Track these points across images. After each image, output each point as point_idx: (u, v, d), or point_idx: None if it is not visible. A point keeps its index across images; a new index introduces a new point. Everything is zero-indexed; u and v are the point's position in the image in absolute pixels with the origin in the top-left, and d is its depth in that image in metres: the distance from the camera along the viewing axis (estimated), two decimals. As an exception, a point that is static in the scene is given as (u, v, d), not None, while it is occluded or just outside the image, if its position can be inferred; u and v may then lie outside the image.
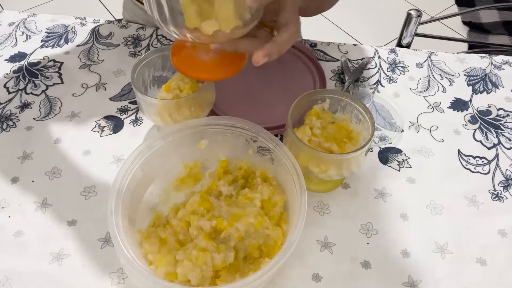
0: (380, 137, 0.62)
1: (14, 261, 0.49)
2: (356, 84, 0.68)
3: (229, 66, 0.46)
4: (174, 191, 0.54)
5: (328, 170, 0.49)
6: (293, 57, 0.69)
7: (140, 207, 0.51)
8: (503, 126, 0.63)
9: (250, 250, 0.47)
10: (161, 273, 0.44)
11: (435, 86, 0.68)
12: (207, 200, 0.49)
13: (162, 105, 0.53)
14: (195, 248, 0.45)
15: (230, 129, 0.51)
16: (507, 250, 0.51)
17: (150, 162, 0.50)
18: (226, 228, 0.46)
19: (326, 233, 0.52)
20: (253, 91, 0.66)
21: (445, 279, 0.49)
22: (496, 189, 0.57)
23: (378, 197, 0.55)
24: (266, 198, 0.49)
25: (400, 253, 0.51)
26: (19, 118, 0.62)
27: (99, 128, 0.62)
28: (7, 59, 0.70)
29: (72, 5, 1.99)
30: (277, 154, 0.49)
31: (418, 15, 0.87)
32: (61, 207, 0.54)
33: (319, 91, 0.53)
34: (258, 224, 0.46)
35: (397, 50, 0.73)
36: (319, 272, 0.49)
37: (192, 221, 0.47)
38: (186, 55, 0.47)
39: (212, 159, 0.55)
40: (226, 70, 0.46)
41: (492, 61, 0.72)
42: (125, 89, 0.66)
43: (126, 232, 0.44)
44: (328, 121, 0.53)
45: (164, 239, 0.47)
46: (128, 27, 0.75)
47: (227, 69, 0.46)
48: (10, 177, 0.56)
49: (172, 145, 0.51)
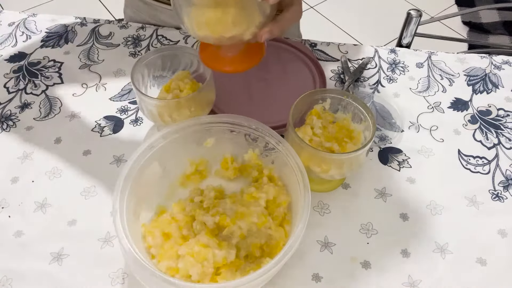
0: (380, 137, 0.62)
1: (14, 261, 0.49)
2: (356, 84, 0.68)
3: (251, 57, 0.49)
4: (180, 187, 0.54)
5: (329, 170, 0.49)
6: (293, 57, 0.69)
7: (145, 201, 0.51)
8: (503, 126, 0.63)
9: (252, 249, 0.47)
10: (163, 268, 0.45)
11: (435, 86, 0.68)
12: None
13: (162, 105, 0.53)
14: (197, 244, 0.45)
15: (236, 127, 0.52)
16: (507, 250, 0.51)
17: (156, 157, 0.50)
18: (228, 225, 0.46)
19: (326, 233, 0.52)
20: (253, 91, 0.66)
21: (445, 279, 0.49)
22: (496, 189, 0.57)
23: (378, 197, 0.55)
24: (271, 198, 0.49)
25: (400, 253, 0.51)
26: (19, 118, 0.62)
27: (99, 128, 0.61)
28: (7, 59, 0.70)
29: (72, 5, 1.99)
30: (283, 154, 0.49)
31: (418, 15, 0.87)
32: (61, 207, 0.54)
33: (320, 90, 0.53)
34: (261, 224, 0.46)
35: (397, 50, 0.73)
36: (319, 272, 0.49)
37: (197, 215, 0.47)
38: (212, 51, 0.49)
39: (218, 156, 0.56)
40: (249, 61, 0.49)
41: (492, 61, 0.72)
42: (125, 89, 0.66)
43: (130, 225, 0.44)
44: (329, 121, 0.53)
45: (167, 233, 0.48)
46: (128, 27, 0.75)
47: (250, 60, 0.49)
48: (10, 177, 0.56)
49: (178, 142, 0.51)
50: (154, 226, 0.48)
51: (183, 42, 0.73)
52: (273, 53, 0.70)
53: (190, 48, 0.58)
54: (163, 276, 0.40)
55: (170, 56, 0.58)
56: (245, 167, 0.55)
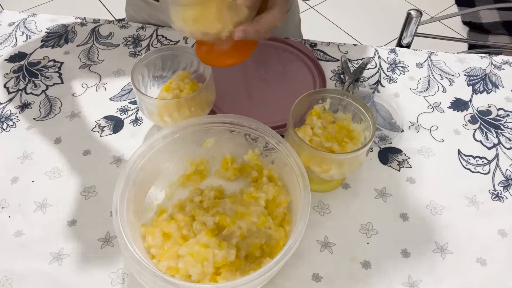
0: (380, 137, 0.62)
1: (14, 261, 0.49)
2: (356, 84, 0.68)
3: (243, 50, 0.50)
4: (180, 187, 0.54)
5: (329, 170, 0.49)
6: (293, 57, 0.69)
7: (145, 201, 0.51)
8: (503, 126, 0.63)
9: (252, 249, 0.47)
10: (163, 267, 0.45)
11: (435, 86, 0.68)
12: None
13: (162, 105, 0.53)
14: (197, 244, 0.45)
15: (236, 127, 0.52)
16: (507, 250, 0.51)
17: (156, 157, 0.50)
18: (228, 225, 0.46)
19: (326, 233, 0.52)
20: (253, 91, 0.66)
21: (445, 279, 0.49)
22: (496, 189, 0.57)
23: (378, 197, 0.55)
24: (270, 198, 0.49)
25: (400, 253, 0.51)
26: (19, 118, 0.62)
27: (99, 128, 0.61)
28: (7, 59, 0.70)
29: (72, 5, 1.99)
30: (283, 154, 0.49)
31: (418, 15, 0.87)
32: (61, 207, 0.54)
33: (320, 90, 0.53)
34: (261, 223, 0.46)
35: (397, 50, 0.73)
36: (319, 272, 0.49)
37: (197, 215, 0.47)
38: (207, 49, 0.50)
39: (218, 156, 0.56)
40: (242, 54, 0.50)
41: (492, 61, 0.72)
42: (125, 89, 0.66)
43: (130, 226, 0.44)
44: (329, 121, 0.53)
45: (167, 233, 0.48)
46: (128, 27, 0.75)
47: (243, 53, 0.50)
48: (10, 177, 0.56)
49: (178, 142, 0.51)
50: (154, 226, 0.48)
51: (183, 42, 0.73)
52: (273, 53, 0.70)
53: (190, 48, 0.58)
54: (163, 276, 0.40)
55: (170, 56, 0.58)
56: (245, 167, 0.55)
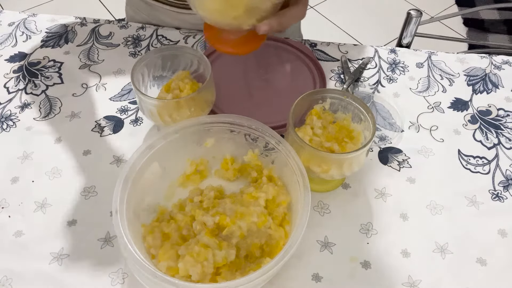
0: (380, 137, 0.62)
1: (14, 261, 0.49)
2: (356, 84, 0.68)
3: (251, 43, 0.50)
4: (180, 187, 0.54)
5: (329, 170, 0.49)
6: (293, 57, 0.69)
7: (145, 201, 0.51)
8: (503, 126, 0.63)
9: (252, 249, 0.47)
10: (163, 268, 0.45)
11: (435, 86, 0.68)
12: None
13: (162, 105, 0.53)
14: (197, 244, 0.45)
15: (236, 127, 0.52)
16: (507, 250, 0.51)
17: (156, 157, 0.50)
18: (228, 225, 0.46)
19: (326, 233, 0.52)
20: (253, 91, 0.66)
21: (445, 279, 0.49)
22: (496, 189, 0.57)
23: (378, 197, 0.55)
24: (270, 198, 0.49)
25: (400, 253, 0.51)
26: (19, 118, 0.62)
27: (99, 128, 0.61)
28: (7, 59, 0.70)
29: (72, 5, 1.99)
30: (283, 154, 0.49)
31: (418, 15, 0.87)
32: (61, 207, 0.54)
33: (320, 90, 0.53)
34: (261, 223, 0.46)
35: (397, 50, 0.73)
36: (319, 272, 0.49)
37: (197, 215, 0.47)
38: (215, 32, 0.50)
39: (218, 156, 0.56)
40: (249, 46, 0.50)
41: (492, 61, 0.72)
42: (125, 89, 0.66)
43: (130, 226, 0.44)
44: (329, 121, 0.53)
45: (167, 233, 0.48)
46: (128, 27, 0.75)
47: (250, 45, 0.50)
48: (10, 177, 0.56)
49: (178, 142, 0.51)
50: (154, 226, 0.48)
51: (183, 42, 0.73)
52: (273, 53, 0.70)
53: (190, 48, 0.58)
54: (163, 276, 0.40)
55: (170, 56, 0.58)
56: (245, 167, 0.55)
